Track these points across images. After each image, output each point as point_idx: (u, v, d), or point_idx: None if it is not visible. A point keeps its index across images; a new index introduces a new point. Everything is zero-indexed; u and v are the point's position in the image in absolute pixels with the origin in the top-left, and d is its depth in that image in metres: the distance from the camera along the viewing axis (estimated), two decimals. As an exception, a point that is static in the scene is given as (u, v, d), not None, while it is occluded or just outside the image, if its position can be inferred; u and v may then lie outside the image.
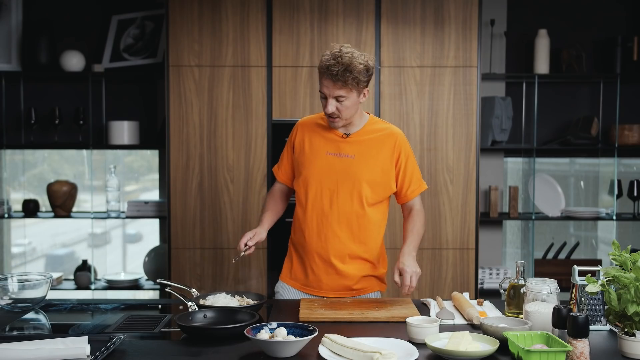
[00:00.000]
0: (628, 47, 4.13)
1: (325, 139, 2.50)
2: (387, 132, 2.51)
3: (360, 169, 2.45)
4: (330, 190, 2.46)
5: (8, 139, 4.18)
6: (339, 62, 2.31)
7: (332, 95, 2.36)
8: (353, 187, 2.45)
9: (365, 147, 2.47)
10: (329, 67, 2.32)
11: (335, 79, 2.32)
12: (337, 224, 2.47)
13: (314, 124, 2.55)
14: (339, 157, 2.46)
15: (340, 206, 2.46)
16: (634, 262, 1.83)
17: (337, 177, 2.46)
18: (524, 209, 4.34)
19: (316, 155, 2.49)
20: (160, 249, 4.10)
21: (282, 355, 1.78)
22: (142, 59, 4.12)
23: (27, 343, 1.75)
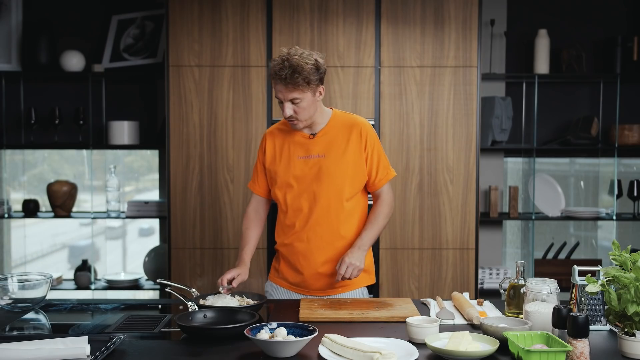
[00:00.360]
0: (628, 47, 4.13)
1: (293, 143, 2.51)
2: (351, 124, 2.52)
3: (333, 167, 2.47)
4: (307, 193, 2.48)
5: (8, 139, 4.18)
6: (287, 66, 2.32)
7: (287, 99, 2.37)
8: (329, 186, 2.47)
9: (332, 144, 2.49)
10: (278, 72, 2.34)
11: (286, 82, 2.33)
12: (317, 225, 2.49)
13: (280, 131, 2.57)
14: (310, 159, 2.48)
15: (319, 206, 2.48)
16: (634, 262, 1.83)
17: (311, 179, 2.48)
18: (524, 209, 4.34)
19: (288, 161, 2.51)
20: (160, 249, 4.10)
21: (282, 355, 1.78)
22: (142, 59, 4.12)
23: (27, 343, 1.75)
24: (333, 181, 2.47)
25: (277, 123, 2.63)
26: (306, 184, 2.48)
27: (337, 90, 3.61)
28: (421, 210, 3.64)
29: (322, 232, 2.49)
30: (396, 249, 3.63)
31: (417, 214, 3.63)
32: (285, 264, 2.59)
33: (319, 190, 2.47)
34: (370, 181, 2.55)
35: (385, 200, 2.57)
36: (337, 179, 2.47)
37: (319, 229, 2.49)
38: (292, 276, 2.58)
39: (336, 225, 2.50)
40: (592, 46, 4.29)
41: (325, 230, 2.49)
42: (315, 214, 2.48)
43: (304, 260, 2.52)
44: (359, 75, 3.60)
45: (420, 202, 3.63)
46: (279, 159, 2.53)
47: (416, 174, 3.63)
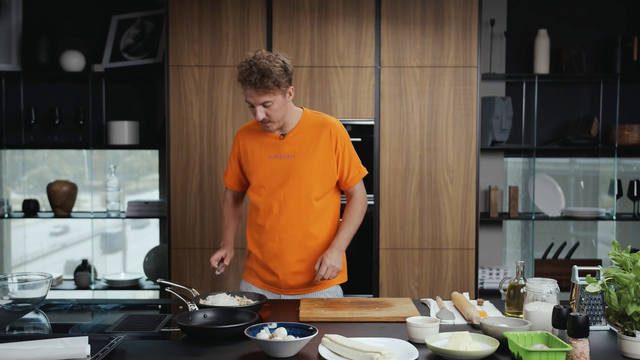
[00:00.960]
0: (628, 47, 4.13)
1: (264, 143, 2.53)
2: (321, 124, 2.53)
3: (302, 167, 2.48)
4: (277, 193, 2.50)
5: (8, 139, 4.18)
6: (255, 70, 2.32)
7: (258, 103, 2.37)
8: (299, 186, 2.49)
9: (303, 144, 2.50)
10: (247, 77, 2.33)
11: (256, 86, 2.33)
12: (288, 225, 2.51)
13: (251, 131, 2.58)
14: (280, 159, 2.50)
15: (290, 207, 2.50)
16: (634, 262, 1.83)
17: (281, 179, 2.50)
18: (524, 209, 4.34)
19: (259, 162, 2.53)
20: (160, 249, 4.10)
21: (282, 355, 1.78)
22: (142, 59, 4.12)
23: (27, 343, 1.75)
24: (303, 181, 2.48)
25: (247, 123, 2.65)
26: (276, 184, 2.50)
27: (337, 90, 3.60)
28: (421, 210, 3.64)
29: (294, 231, 2.51)
30: (396, 249, 3.63)
31: (417, 214, 3.63)
32: (259, 264, 2.60)
33: (289, 190, 2.49)
34: (342, 180, 2.56)
35: (359, 199, 2.60)
36: (306, 178, 2.48)
37: (290, 229, 2.51)
38: (266, 275, 2.59)
39: (307, 224, 2.51)
40: (592, 46, 4.29)
41: (296, 230, 2.51)
42: (286, 213, 2.50)
43: (276, 260, 2.53)
44: (359, 75, 3.60)
45: (420, 202, 3.63)
46: (251, 159, 2.55)
47: (416, 174, 3.63)
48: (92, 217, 4.11)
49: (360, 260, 3.66)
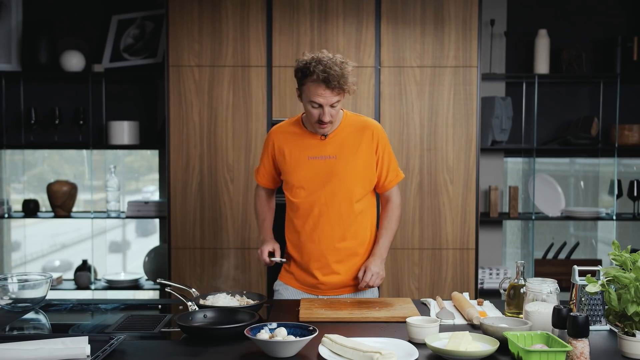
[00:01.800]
0: (628, 47, 4.13)
1: (303, 144, 2.51)
2: (362, 126, 2.52)
3: (344, 168, 2.47)
4: (318, 194, 2.49)
5: (8, 139, 4.18)
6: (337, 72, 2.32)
7: (329, 104, 2.36)
8: (340, 187, 2.47)
9: (344, 145, 2.49)
10: (328, 78, 2.31)
11: (333, 86, 2.32)
12: (329, 226, 2.50)
13: (287, 132, 2.55)
14: (321, 160, 2.48)
15: (331, 208, 2.49)
16: (634, 262, 1.83)
17: (322, 180, 2.48)
18: (524, 209, 4.34)
19: (298, 162, 2.50)
20: (160, 249, 4.10)
21: (282, 355, 1.78)
22: (142, 59, 4.12)
23: (27, 343, 1.75)
24: (345, 182, 2.47)
25: (280, 124, 2.62)
26: (317, 185, 2.48)
27: (337, 90, 3.60)
28: (421, 210, 3.64)
29: (333, 233, 2.50)
30: (396, 249, 3.63)
31: (417, 214, 3.63)
32: (296, 265, 2.59)
33: (331, 191, 2.48)
34: (380, 183, 2.56)
35: (395, 203, 2.61)
36: (348, 180, 2.48)
37: (330, 230, 2.50)
38: (303, 277, 2.57)
39: (347, 225, 2.50)
40: (592, 46, 4.29)
41: (336, 231, 2.50)
42: (327, 214, 2.49)
43: (315, 261, 2.52)
44: (359, 75, 3.60)
45: (420, 202, 3.63)
46: (289, 160, 2.52)
47: (416, 174, 3.63)
48: (92, 217, 4.11)
49: (360, 260, 3.66)
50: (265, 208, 2.71)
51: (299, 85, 2.42)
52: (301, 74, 2.38)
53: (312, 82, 2.34)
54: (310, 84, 2.35)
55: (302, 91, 2.42)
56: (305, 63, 2.36)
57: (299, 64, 2.39)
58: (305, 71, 2.36)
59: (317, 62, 2.33)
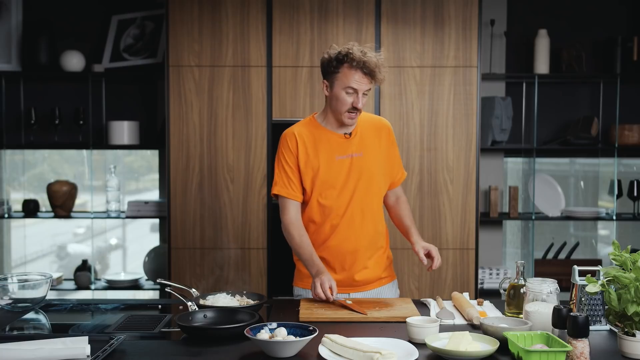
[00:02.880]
0: (628, 47, 4.13)
1: (328, 143, 2.49)
2: (378, 123, 2.58)
3: (371, 165, 2.50)
4: (350, 192, 2.48)
5: (8, 139, 4.18)
6: (372, 58, 2.36)
7: (362, 90, 2.39)
8: (369, 184, 2.50)
9: (367, 142, 2.52)
10: (366, 62, 2.35)
11: (369, 72, 2.36)
12: (363, 222, 2.51)
13: (309, 132, 2.52)
14: (348, 158, 2.49)
15: (363, 205, 2.50)
16: (634, 262, 1.83)
17: (353, 178, 2.48)
18: (524, 209, 4.34)
19: (327, 162, 2.48)
20: (160, 249, 4.10)
21: (282, 355, 1.78)
22: (142, 59, 4.12)
23: (27, 343, 1.75)
24: (373, 179, 2.51)
25: (297, 126, 2.55)
26: (348, 183, 2.48)
27: (337, 90, 3.60)
28: (421, 210, 3.64)
29: (367, 229, 2.52)
30: (396, 249, 3.63)
31: (417, 213, 3.63)
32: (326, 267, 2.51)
33: (362, 188, 2.49)
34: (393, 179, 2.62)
35: (406, 199, 2.69)
36: (376, 176, 2.51)
37: (364, 227, 2.51)
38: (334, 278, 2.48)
39: (378, 220, 2.55)
40: (592, 46, 4.29)
41: (369, 227, 2.52)
42: (360, 211, 2.50)
43: (350, 259, 2.51)
44: (359, 75, 3.60)
45: (420, 202, 3.63)
46: (315, 160, 2.48)
47: (416, 174, 3.63)
48: (92, 217, 4.11)
49: (360, 260, 3.66)
50: (304, 232, 2.49)
51: (330, 74, 2.42)
52: (336, 61, 2.38)
53: (349, 67, 2.37)
54: (347, 70, 2.37)
55: (333, 80, 2.41)
56: (339, 51, 2.39)
57: (329, 54, 2.41)
58: (341, 58, 2.37)
59: (353, 50, 2.37)
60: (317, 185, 2.48)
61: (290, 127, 2.56)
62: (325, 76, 2.46)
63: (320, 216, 2.51)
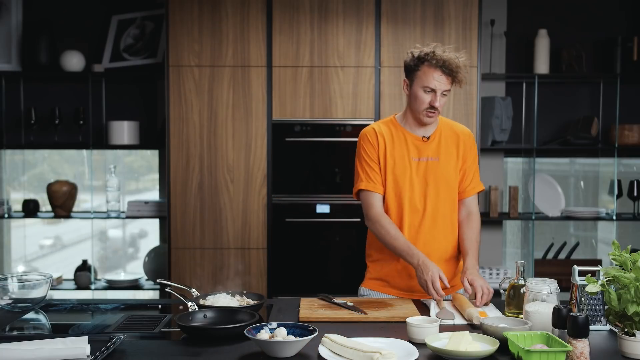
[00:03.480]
0: (628, 47, 4.12)
1: (406, 144, 2.48)
2: (458, 130, 2.54)
3: (447, 169, 2.48)
4: (422, 196, 2.46)
5: (8, 139, 4.18)
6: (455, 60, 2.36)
7: (441, 90, 2.39)
8: (442, 189, 2.47)
9: (445, 147, 2.49)
10: (446, 62, 2.35)
11: (448, 72, 2.36)
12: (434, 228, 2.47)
13: (390, 132, 2.51)
14: (425, 161, 2.47)
15: (437, 210, 2.47)
16: (634, 262, 1.83)
17: (427, 181, 2.46)
18: (524, 209, 4.34)
19: (402, 162, 2.47)
20: (160, 249, 4.10)
21: (282, 355, 1.78)
22: (142, 59, 4.12)
23: (27, 343, 1.75)
24: (448, 183, 2.48)
25: (377, 124, 2.55)
26: (422, 187, 2.46)
27: (337, 90, 3.61)
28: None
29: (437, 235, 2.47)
30: (396, 249, 3.63)
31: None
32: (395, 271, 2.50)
33: (435, 193, 2.46)
34: (462, 187, 2.54)
35: (478, 215, 2.55)
36: (451, 181, 2.48)
37: (435, 233, 2.47)
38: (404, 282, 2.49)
39: (449, 228, 2.50)
40: (592, 46, 4.29)
41: (441, 232, 2.48)
42: (431, 216, 2.46)
43: None
44: (359, 75, 3.60)
45: (420, 202, 3.63)
46: (390, 161, 2.48)
47: (416, 174, 3.63)
48: (92, 217, 4.11)
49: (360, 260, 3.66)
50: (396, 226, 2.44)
51: (411, 72, 2.42)
52: (417, 59, 2.39)
53: (429, 66, 2.37)
54: (427, 68, 2.37)
55: (413, 78, 2.42)
56: (421, 50, 2.40)
57: (412, 54, 2.41)
58: (422, 56, 2.38)
59: (437, 50, 2.38)
60: (392, 185, 2.48)
61: (368, 125, 2.60)
62: (406, 74, 2.46)
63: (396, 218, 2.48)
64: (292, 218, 3.65)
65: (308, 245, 3.67)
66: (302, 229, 3.66)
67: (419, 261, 2.32)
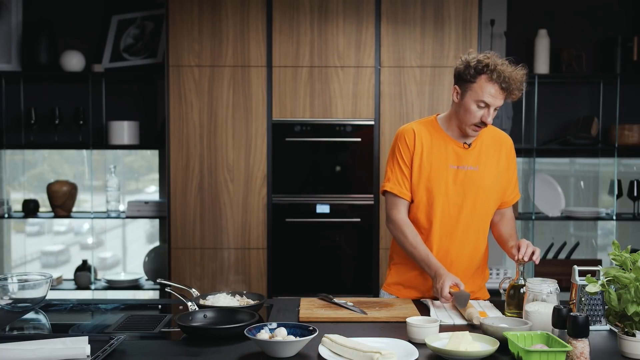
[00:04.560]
0: (628, 47, 4.12)
1: (445, 150, 2.38)
2: (500, 139, 2.46)
3: (485, 181, 2.39)
4: (457, 205, 2.38)
5: (8, 139, 4.18)
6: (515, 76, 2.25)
7: (495, 105, 2.28)
8: (479, 200, 2.39)
9: (485, 157, 2.40)
10: (507, 78, 2.23)
11: (507, 87, 2.25)
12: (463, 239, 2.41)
13: (430, 135, 2.41)
14: (463, 170, 2.38)
15: (469, 220, 2.40)
16: (634, 262, 1.83)
17: (463, 191, 2.38)
18: (524, 209, 4.33)
19: (438, 168, 2.38)
20: (160, 249, 4.10)
21: (282, 355, 1.78)
22: (142, 59, 4.12)
23: (27, 343, 1.75)
24: (484, 196, 2.39)
25: (416, 124, 2.45)
26: (457, 196, 2.37)
27: (337, 90, 3.61)
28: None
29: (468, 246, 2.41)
30: (396, 249, 3.63)
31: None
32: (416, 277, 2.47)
33: (469, 203, 2.38)
34: (505, 198, 2.48)
35: (511, 216, 2.52)
36: (488, 194, 2.39)
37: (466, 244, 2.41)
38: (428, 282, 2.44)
39: (481, 240, 2.44)
40: (592, 46, 4.29)
41: (470, 244, 2.42)
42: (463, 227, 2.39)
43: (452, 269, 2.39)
44: (359, 75, 3.60)
45: (420, 202, 3.63)
46: (426, 165, 2.38)
47: (416, 174, 3.63)
48: (92, 217, 4.11)
49: (360, 260, 3.66)
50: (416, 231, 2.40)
51: (465, 82, 2.29)
52: (474, 70, 2.25)
53: (488, 80, 2.25)
54: (485, 82, 2.25)
55: (467, 89, 2.28)
56: (478, 61, 2.25)
57: (467, 61, 2.27)
58: (480, 68, 2.24)
59: (496, 61, 2.24)
60: (426, 190, 2.38)
61: (408, 123, 2.48)
62: (458, 82, 2.33)
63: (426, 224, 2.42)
64: (292, 218, 3.66)
65: (308, 245, 3.67)
66: (302, 229, 3.66)
67: (436, 272, 2.30)
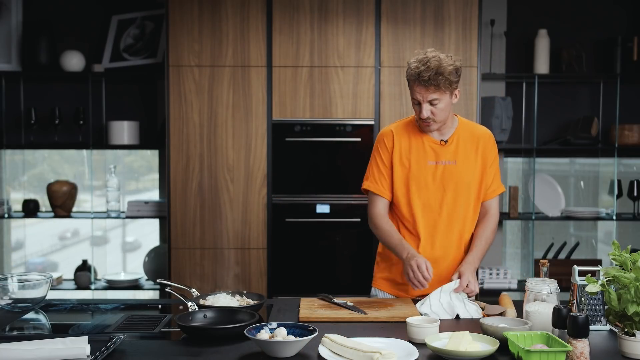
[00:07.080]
0: (628, 47, 4.12)
1: (423, 147, 2.47)
2: (479, 133, 2.51)
3: (465, 174, 2.45)
4: (438, 199, 2.45)
5: (8, 139, 4.18)
6: (429, 67, 2.32)
7: (426, 100, 2.36)
8: (459, 193, 2.45)
9: (463, 151, 2.47)
10: (419, 74, 2.33)
11: (428, 83, 2.32)
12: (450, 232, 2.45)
13: (406, 133, 2.50)
14: (441, 165, 2.45)
15: (452, 211, 2.45)
16: (634, 262, 1.83)
17: (443, 186, 2.44)
18: (524, 209, 4.34)
19: (417, 166, 2.46)
20: (160, 249, 4.10)
21: (282, 355, 1.78)
22: (142, 59, 4.12)
23: (27, 343, 1.75)
24: (464, 189, 2.45)
25: (396, 125, 2.55)
26: (437, 191, 2.44)
27: (337, 90, 3.61)
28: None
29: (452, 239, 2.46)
30: (396, 249, 3.63)
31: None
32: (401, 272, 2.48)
33: (451, 198, 2.44)
34: (483, 190, 2.51)
35: (494, 216, 2.54)
36: (467, 187, 2.45)
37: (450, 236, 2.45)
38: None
39: (462, 231, 2.47)
40: (592, 46, 4.29)
41: (454, 237, 2.46)
42: (446, 221, 2.44)
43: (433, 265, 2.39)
44: (359, 75, 3.60)
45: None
46: (406, 162, 2.47)
47: (416, 174, 3.63)
48: (92, 217, 4.11)
49: (360, 260, 3.66)
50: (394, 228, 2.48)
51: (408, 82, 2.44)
52: (407, 72, 2.41)
53: (409, 78, 2.38)
54: (411, 83, 2.38)
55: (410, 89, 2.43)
56: (409, 63, 2.40)
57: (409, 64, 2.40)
58: (407, 69, 2.40)
59: (414, 61, 2.37)
60: (406, 187, 2.46)
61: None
62: None
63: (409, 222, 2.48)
64: (292, 218, 3.66)
65: (308, 245, 3.67)
66: (302, 229, 3.66)
67: (408, 254, 2.35)
